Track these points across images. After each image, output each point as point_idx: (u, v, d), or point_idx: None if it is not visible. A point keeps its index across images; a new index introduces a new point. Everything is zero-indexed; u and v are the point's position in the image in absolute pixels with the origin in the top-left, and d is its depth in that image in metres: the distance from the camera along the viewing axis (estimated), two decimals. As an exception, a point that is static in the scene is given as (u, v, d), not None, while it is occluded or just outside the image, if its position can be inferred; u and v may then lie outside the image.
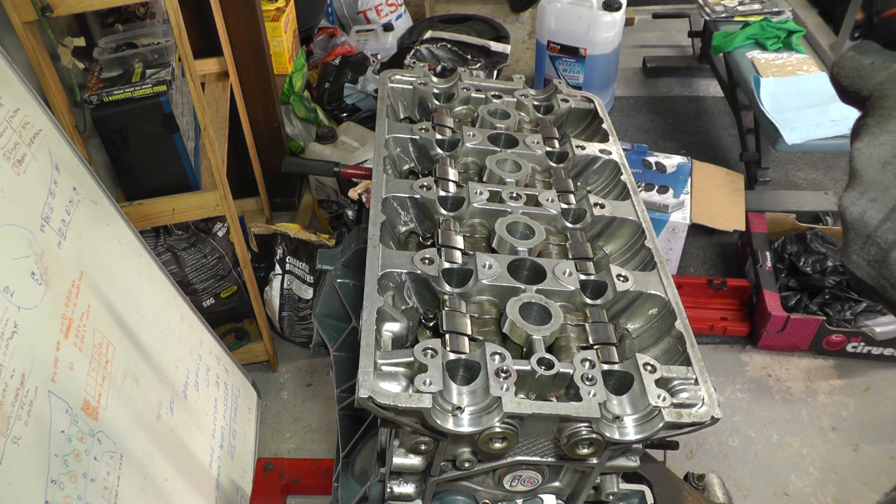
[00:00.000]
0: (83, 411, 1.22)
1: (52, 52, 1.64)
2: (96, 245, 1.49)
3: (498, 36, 3.57)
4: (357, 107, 3.23)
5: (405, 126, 1.03)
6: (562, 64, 3.52)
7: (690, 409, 0.70)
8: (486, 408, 0.67)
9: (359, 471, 1.06)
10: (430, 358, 0.68)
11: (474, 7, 4.75)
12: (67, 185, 1.43)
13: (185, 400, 1.73)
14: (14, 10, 1.47)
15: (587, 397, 0.68)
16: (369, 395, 0.64)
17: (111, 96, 1.73)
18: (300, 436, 2.36)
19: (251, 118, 2.72)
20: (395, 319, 0.76)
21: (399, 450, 0.77)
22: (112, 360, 1.39)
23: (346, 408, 1.11)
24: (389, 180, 0.92)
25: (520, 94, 1.14)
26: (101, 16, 2.03)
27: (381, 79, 1.14)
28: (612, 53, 3.47)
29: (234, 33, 2.49)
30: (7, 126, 1.27)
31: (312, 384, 2.53)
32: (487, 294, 0.80)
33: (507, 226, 0.87)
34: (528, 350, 0.74)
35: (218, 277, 2.30)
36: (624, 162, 1.04)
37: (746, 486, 2.15)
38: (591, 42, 3.38)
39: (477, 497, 0.86)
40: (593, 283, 0.83)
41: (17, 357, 1.08)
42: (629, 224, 0.93)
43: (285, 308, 2.45)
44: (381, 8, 3.82)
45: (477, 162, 1.01)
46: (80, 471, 1.15)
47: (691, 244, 2.91)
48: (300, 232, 2.40)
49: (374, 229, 0.83)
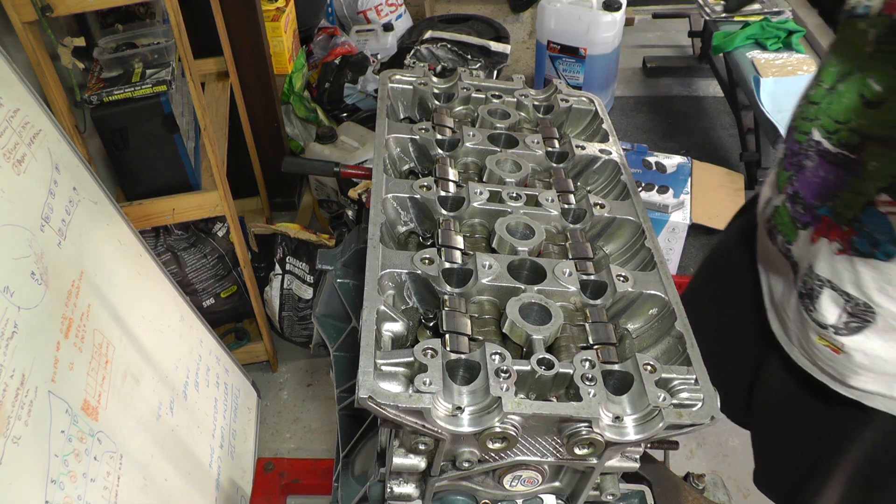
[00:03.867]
0: (83, 411, 1.22)
1: (52, 52, 1.64)
2: (96, 245, 1.49)
3: (498, 36, 3.57)
4: (357, 107, 3.23)
5: (405, 126, 1.03)
6: (562, 64, 3.52)
7: (690, 409, 0.70)
8: (486, 408, 0.67)
9: (359, 471, 1.06)
10: (430, 358, 0.68)
11: (474, 7, 4.75)
12: (67, 185, 1.43)
13: (185, 400, 1.73)
14: (14, 10, 1.47)
15: (587, 397, 0.68)
16: (369, 395, 0.64)
17: (111, 96, 1.73)
18: (300, 436, 2.36)
19: (251, 118, 2.72)
20: (395, 319, 0.76)
21: (399, 450, 0.77)
22: (112, 360, 1.39)
23: (346, 408, 1.11)
24: (389, 180, 0.91)
25: (520, 94, 1.14)
26: (101, 16, 2.03)
27: (381, 79, 1.14)
28: (612, 53, 3.47)
29: (234, 33, 2.49)
30: (7, 126, 1.27)
31: (312, 384, 2.53)
32: (487, 294, 0.80)
33: (507, 226, 0.87)
34: (528, 350, 0.74)
35: (218, 277, 2.30)
36: (624, 162, 1.04)
37: (746, 486, 2.15)
38: (591, 42, 3.38)
39: (477, 497, 0.86)
40: (593, 283, 0.83)
41: (17, 357, 1.08)
42: (629, 224, 0.93)
43: (285, 308, 2.45)
44: (381, 8, 3.82)
45: (477, 162, 1.01)
46: (80, 471, 1.15)
47: (691, 244, 2.91)
48: (300, 232, 2.40)
49: (374, 229, 0.83)
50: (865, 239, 0.86)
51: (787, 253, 1.01)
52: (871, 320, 0.91)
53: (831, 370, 1.00)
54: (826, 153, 0.89)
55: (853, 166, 0.85)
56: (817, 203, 0.92)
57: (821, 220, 0.92)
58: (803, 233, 0.96)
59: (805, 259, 0.97)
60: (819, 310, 0.95)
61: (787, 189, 0.98)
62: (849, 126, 0.85)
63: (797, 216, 0.97)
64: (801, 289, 0.98)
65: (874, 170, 0.83)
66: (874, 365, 0.94)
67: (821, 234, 0.92)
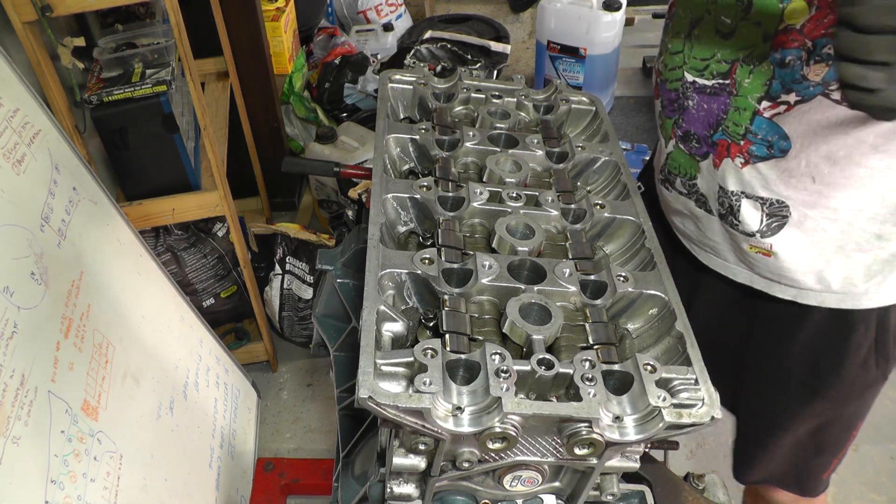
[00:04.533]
0: (83, 411, 1.22)
1: (52, 52, 1.64)
2: (96, 245, 1.49)
3: (498, 36, 3.57)
4: (357, 107, 3.23)
5: (405, 126, 1.03)
6: (562, 64, 3.52)
7: (690, 409, 0.70)
8: (486, 408, 0.67)
9: (359, 471, 1.06)
10: (430, 358, 0.68)
11: (474, 7, 4.75)
12: (67, 185, 1.43)
13: (185, 400, 1.73)
14: (14, 10, 1.47)
15: (587, 397, 0.68)
16: (369, 395, 0.64)
17: (111, 96, 1.73)
18: (300, 436, 2.36)
19: (251, 118, 2.72)
20: (395, 319, 0.76)
21: (399, 450, 0.77)
22: (112, 360, 1.39)
23: (346, 408, 1.11)
24: (389, 180, 0.91)
25: (520, 94, 1.14)
26: (101, 16, 2.03)
27: (381, 79, 1.14)
28: (612, 53, 3.47)
29: (234, 33, 2.49)
30: (7, 126, 1.27)
31: (312, 384, 2.53)
32: (487, 294, 0.80)
33: (507, 226, 0.87)
34: (528, 350, 0.74)
35: (218, 277, 2.30)
36: (624, 162, 1.04)
37: (746, 486, 2.15)
38: (591, 42, 3.37)
39: (477, 497, 0.86)
40: (593, 283, 0.83)
41: (17, 357, 1.08)
42: (629, 224, 0.94)
43: (285, 308, 2.45)
44: (381, 8, 3.82)
45: (477, 162, 1.01)
46: (80, 471, 1.15)
47: (691, 244, 2.91)
48: (300, 232, 2.40)
49: (374, 229, 0.83)
50: (761, 144, 0.99)
51: (691, 189, 1.13)
52: (787, 214, 1.03)
53: (769, 274, 1.11)
54: (703, 88, 1.03)
55: (730, 88, 0.99)
56: (710, 132, 1.05)
57: (717, 144, 1.04)
58: (704, 163, 1.08)
59: (713, 184, 1.08)
60: (743, 221, 1.07)
61: (675, 132, 1.11)
62: (714, 59, 1.00)
63: (693, 151, 1.09)
64: (720, 210, 1.09)
65: (748, 85, 0.96)
66: (801, 259, 1.06)
67: (722, 157, 1.04)
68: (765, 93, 0.95)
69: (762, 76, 0.95)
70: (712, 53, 1.00)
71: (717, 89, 1.01)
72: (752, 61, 0.95)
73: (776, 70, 0.93)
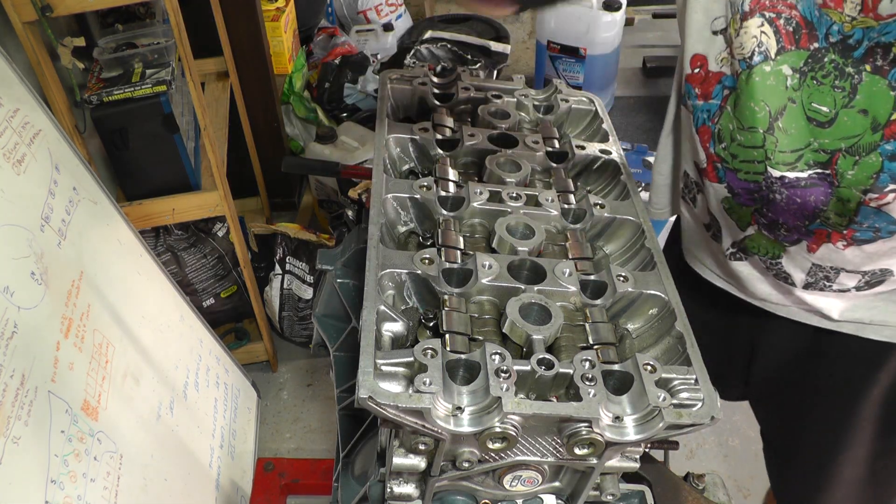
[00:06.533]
0: (83, 411, 1.22)
1: (52, 52, 1.64)
2: (96, 245, 1.49)
3: (498, 36, 3.57)
4: (357, 107, 3.23)
5: (405, 126, 1.03)
6: (562, 64, 3.52)
7: (690, 409, 0.70)
8: (486, 408, 0.67)
9: (359, 471, 1.06)
10: (430, 358, 0.68)
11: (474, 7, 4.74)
12: (67, 185, 1.43)
13: (185, 400, 1.73)
14: (14, 10, 1.47)
15: (587, 397, 0.68)
16: (369, 395, 0.64)
17: (111, 96, 1.73)
18: (300, 436, 2.36)
19: (251, 118, 2.72)
20: (395, 319, 0.76)
21: (399, 450, 0.77)
22: (112, 360, 1.39)
23: (346, 408, 1.11)
24: (389, 180, 0.91)
25: (520, 94, 1.14)
26: (101, 16, 2.03)
27: (381, 79, 1.14)
28: (612, 53, 3.47)
29: (234, 33, 2.49)
30: (7, 126, 1.27)
31: (312, 384, 2.53)
32: (487, 294, 0.80)
33: (507, 226, 0.87)
34: (528, 350, 0.74)
35: (218, 277, 2.30)
36: (624, 162, 1.04)
37: (746, 486, 2.15)
38: (591, 42, 3.38)
39: (477, 497, 0.86)
40: (593, 283, 0.83)
41: (17, 357, 1.08)
42: (629, 224, 0.93)
43: (285, 308, 2.45)
44: (381, 8, 3.82)
45: (477, 162, 1.01)
46: (80, 471, 1.15)
47: (691, 244, 2.91)
48: (300, 232, 2.40)
49: (374, 229, 0.83)
50: (867, 231, 0.91)
51: (771, 265, 1.06)
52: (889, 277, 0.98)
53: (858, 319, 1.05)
54: (795, 182, 0.92)
55: (831, 179, 0.90)
56: (805, 223, 0.96)
57: (814, 233, 0.96)
58: (794, 248, 1.01)
59: (804, 263, 1.01)
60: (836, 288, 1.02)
61: (756, 220, 1.02)
62: (810, 148, 0.89)
63: (782, 239, 1.01)
64: (808, 280, 1.03)
65: (852, 177, 0.87)
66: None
67: (821, 242, 0.97)
68: (871, 185, 0.86)
69: (869, 168, 0.85)
70: (807, 143, 0.89)
71: (815, 180, 0.91)
72: (858, 152, 0.85)
73: (885, 163, 0.84)
